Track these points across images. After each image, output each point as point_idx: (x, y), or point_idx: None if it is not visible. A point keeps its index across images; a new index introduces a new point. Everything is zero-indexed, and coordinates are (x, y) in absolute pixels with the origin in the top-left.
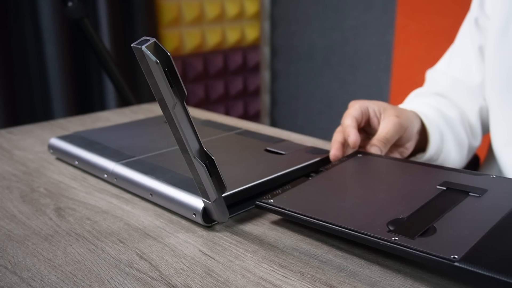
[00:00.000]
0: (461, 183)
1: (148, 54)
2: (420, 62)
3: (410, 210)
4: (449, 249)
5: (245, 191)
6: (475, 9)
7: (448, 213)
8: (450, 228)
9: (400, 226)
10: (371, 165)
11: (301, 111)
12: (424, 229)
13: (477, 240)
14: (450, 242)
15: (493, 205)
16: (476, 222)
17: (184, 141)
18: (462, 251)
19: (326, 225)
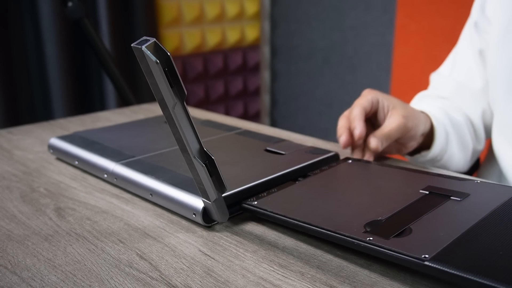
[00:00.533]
0: (444, 188)
1: (148, 54)
2: (420, 62)
3: (389, 212)
4: (421, 249)
5: (245, 191)
6: (476, 13)
7: (426, 215)
8: (426, 229)
9: (377, 227)
10: (359, 171)
11: (301, 111)
12: (400, 230)
13: (450, 241)
14: (424, 242)
15: (473, 209)
16: (452, 224)
17: (184, 141)
18: (433, 251)
19: (305, 226)
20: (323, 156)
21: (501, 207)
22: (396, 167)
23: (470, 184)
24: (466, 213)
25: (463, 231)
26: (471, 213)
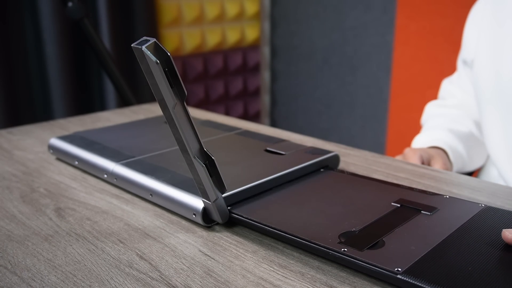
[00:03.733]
0: (415, 201)
1: (148, 54)
2: (420, 62)
3: (363, 224)
4: (394, 262)
5: (245, 191)
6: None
7: (398, 228)
8: (398, 242)
9: (351, 239)
10: (334, 181)
11: (301, 111)
12: (373, 242)
13: (421, 256)
14: (396, 255)
15: (442, 223)
16: (423, 238)
17: (184, 141)
18: (406, 265)
19: (282, 234)
20: (323, 156)
21: (468, 223)
22: (370, 179)
23: (440, 199)
24: (436, 228)
25: (433, 245)
26: (440, 228)
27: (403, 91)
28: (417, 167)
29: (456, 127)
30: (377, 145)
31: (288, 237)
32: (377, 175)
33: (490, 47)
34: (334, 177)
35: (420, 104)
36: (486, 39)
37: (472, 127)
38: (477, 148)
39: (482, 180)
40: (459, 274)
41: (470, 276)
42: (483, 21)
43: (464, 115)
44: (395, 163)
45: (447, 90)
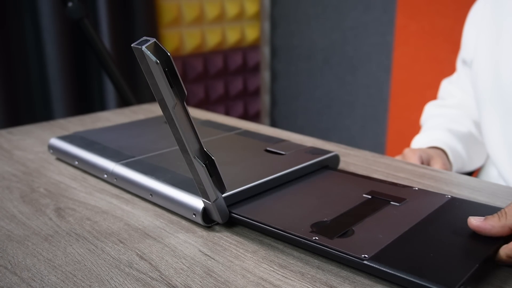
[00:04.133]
0: (385, 193)
1: (148, 54)
2: (420, 62)
3: (335, 214)
4: (362, 249)
5: (245, 191)
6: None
7: (368, 218)
8: (367, 231)
9: (322, 228)
10: (310, 175)
11: (301, 111)
12: (343, 231)
13: (388, 243)
14: (364, 243)
15: (409, 213)
16: (391, 227)
17: (184, 141)
18: (372, 251)
19: (256, 224)
20: (323, 156)
21: (434, 212)
22: (345, 172)
23: (409, 190)
24: (403, 217)
25: (399, 234)
26: (407, 217)
27: (403, 91)
28: (417, 167)
29: (456, 127)
30: (377, 145)
31: (263, 227)
32: (377, 175)
33: (489, 47)
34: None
35: (420, 104)
36: (485, 39)
37: (471, 127)
38: (476, 148)
39: (482, 180)
40: (422, 260)
41: (432, 261)
42: (482, 21)
43: (464, 115)
44: (395, 163)
45: (446, 90)
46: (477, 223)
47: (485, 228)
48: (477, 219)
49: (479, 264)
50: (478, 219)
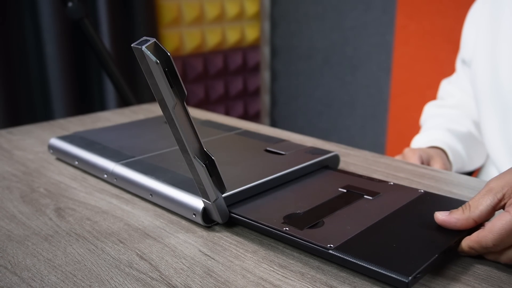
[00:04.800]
0: (360, 187)
1: (148, 54)
2: (420, 62)
3: (308, 206)
4: (329, 239)
5: (245, 191)
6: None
7: (340, 210)
8: (337, 223)
9: (294, 219)
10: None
11: (301, 111)
12: (314, 222)
13: (354, 234)
14: (332, 234)
15: (380, 207)
16: (360, 219)
17: (184, 141)
18: (338, 242)
19: (234, 216)
20: (323, 156)
21: (405, 206)
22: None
23: (384, 185)
24: (374, 210)
25: (367, 225)
26: (378, 210)
27: (403, 91)
28: (416, 167)
29: (455, 127)
30: (377, 145)
31: (239, 218)
32: (377, 175)
33: (487, 46)
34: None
35: (420, 104)
36: (483, 39)
37: (471, 127)
38: (476, 148)
39: (482, 180)
40: (384, 250)
41: (394, 251)
42: (481, 21)
43: (463, 115)
44: (395, 163)
45: (446, 90)
46: (442, 217)
47: (450, 221)
48: (442, 213)
49: (438, 254)
50: (444, 213)
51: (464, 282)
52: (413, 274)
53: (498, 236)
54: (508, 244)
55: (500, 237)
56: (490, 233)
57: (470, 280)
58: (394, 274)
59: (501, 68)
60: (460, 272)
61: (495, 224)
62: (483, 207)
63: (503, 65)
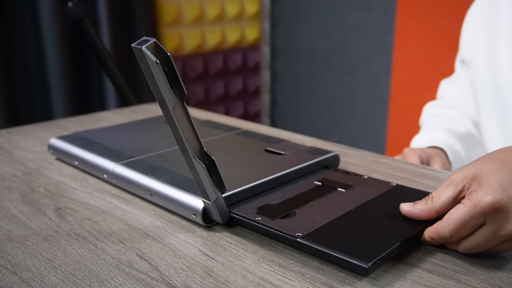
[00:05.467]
0: (335, 180)
1: (148, 54)
2: (420, 62)
3: (282, 198)
4: (298, 229)
5: (245, 191)
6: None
7: (312, 202)
8: (308, 213)
9: (267, 210)
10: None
11: (301, 111)
12: (286, 213)
13: (323, 224)
14: (302, 223)
15: (352, 199)
16: (331, 210)
17: (184, 141)
18: (306, 231)
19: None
20: (323, 156)
21: (376, 198)
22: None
23: (358, 178)
24: (345, 202)
25: (336, 216)
26: (349, 202)
27: (403, 91)
28: (416, 167)
29: (455, 127)
30: (377, 145)
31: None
32: (377, 175)
33: (486, 46)
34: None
35: (420, 104)
36: (482, 39)
37: (470, 127)
38: (475, 148)
39: None
40: (349, 238)
41: (358, 240)
42: (479, 21)
43: (463, 115)
44: (395, 163)
45: (445, 91)
46: (407, 208)
47: (413, 212)
48: (407, 204)
49: (399, 243)
50: (408, 204)
51: (464, 282)
52: (373, 261)
53: (454, 227)
54: (464, 234)
55: (456, 228)
56: (447, 224)
57: (470, 280)
58: (355, 260)
59: (499, 68)
60: (460, 272)
61: (451, 216)
62: (444, 198)
63: (501, 65)
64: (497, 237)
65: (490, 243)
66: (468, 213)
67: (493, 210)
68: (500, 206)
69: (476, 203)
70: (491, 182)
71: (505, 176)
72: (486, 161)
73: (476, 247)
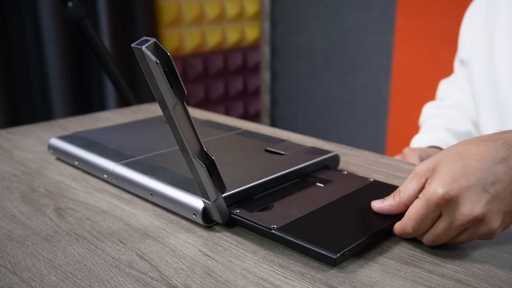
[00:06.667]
0: (316, 176)
1: (148, 54)
2: (420, 62)
3: (263, 192)
4: (273, 221)
5: (245, 191)
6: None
7: (291, 196)
8: (285, 207)
9: (246, 203)
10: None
11: (301, 111)
12: (264, 206)
13: (298, 216)
14: (278, 216)
15: (329, 193)
16: (307, 204)
17: (184, 141)
18: (281, 223)
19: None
20: (323, 156)
21: (352, 193)
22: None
23: (338, 174)
24: (322, 196)
25: (312, 209)
26: (326, 196)
27: (403, 91)
28: None
29: (454, 127)
30: (377, 145)
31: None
32: (377, 175)
33: (484, 46)
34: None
35: (420, 104)
36: (480, 39)
37: (469, 126)
38: None
39: None
40: (321, 231)
41: (329, 232)
42: (477, 21)
43: (462, 115)
44: (395, 163)
45: (444, 91)
46: (377, 205)
47: (383, 208)
48: (377, 202)
49: (368, 236)
50: (379, 201)
51: (464, 282)
52: (341, 252)
53: (414, 223)
54: (426, 227)
55: (417, 223)
56: (409, 221)
57: (470, 280)
58: (324, 251)
59: (497, 67)
60: (460, 272)
61: (410, 212)
62: (410, 191)
63: (499, 65)
64: (453, 227)
65: (448, 235)
66: (423, 207)
67: (445, 201)
68: (450, 197)
69: (429, 196)
70: (444, 174)
71: (458, 168)
72: (446, 153)
73: (437, 238)
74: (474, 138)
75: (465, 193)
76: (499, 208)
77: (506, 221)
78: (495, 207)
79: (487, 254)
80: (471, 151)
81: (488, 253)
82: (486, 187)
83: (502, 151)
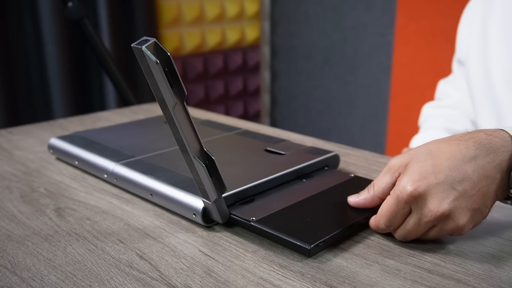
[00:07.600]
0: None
1: (148, 54)
2: (420, 62)
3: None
4: (253, 214)
5: (245, 191)
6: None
7: (271, 190)
8: (266, 200)
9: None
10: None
11: (301, 111)
12: (245, 200)
13: (277, 210)
14: (258, 209)
15: (310, 188)
16: (288, 198)
17: (184, 141)
18: (260, 216)
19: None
20: (323, 156)
21: (332, 188)
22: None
23: (321, 170)
24: (303, 191)
25: (291, 203)
26: (306, 191)
27: (403, 91)
28: None
29: (453, 127)
30: (377, 145)
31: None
32: (377, 175)
33: (479, 46)
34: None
35: (420, 104)
36: (476, 39)
37: (468, 126)
38: None
39: None
40: (298, 223)
41: (305, 225)
42: (474, 20)
43: (461, 114)
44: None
45: (443, 91)
46: (353, 200)
47: (359, 202)
48: (353, 196)
49: (342, 228)
50: (354, 196)
51: (464, 282)
52: (315, 243)
53: (386, 219)
54: (398, 223)
55: (388, 219)
56: (381, 217)
57: (470, 280)
58: (299, 242)
59: (492, 67)
60: (460, 272)
61: (382, 208)
62: (383, 185)
63: (494, 65)
64: (422, 224)
65: (418, 230)
66: (394, 204)
67: (413, 198)
68: (418, 194)
69: (399, 193)
70: (414, 171)
71: (427, 166)
72: (419, 151)
73: (408, 234)
74: (447, 137)
75: (433, 190)
76: (466, 205)
77: (475, 218)
78: (462, 204)
79: (487, 254)
80: (442, 149)
81: (488, 253)
82: (453, 185)
83: (472, 150)
